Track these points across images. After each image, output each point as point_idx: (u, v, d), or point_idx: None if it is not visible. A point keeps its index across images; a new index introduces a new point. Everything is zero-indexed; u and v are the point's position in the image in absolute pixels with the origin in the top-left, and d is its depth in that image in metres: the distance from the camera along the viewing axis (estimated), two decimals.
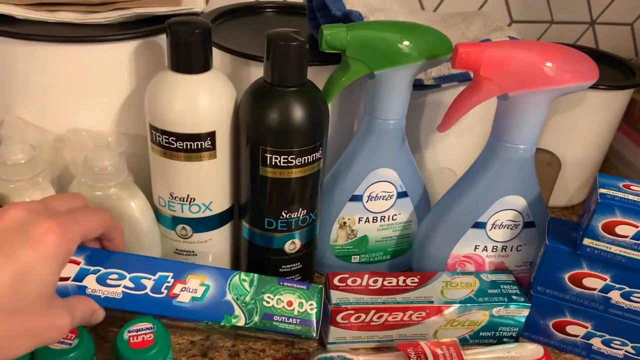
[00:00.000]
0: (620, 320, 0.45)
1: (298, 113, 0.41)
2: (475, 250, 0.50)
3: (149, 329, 0.39)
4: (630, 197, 0.41)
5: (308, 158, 0.43)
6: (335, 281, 0.47)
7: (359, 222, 0.52)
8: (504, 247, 0.50)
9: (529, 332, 0.49)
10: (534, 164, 0.48)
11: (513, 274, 0.50)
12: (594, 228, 0.42)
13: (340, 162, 0.52)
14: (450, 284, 0.48)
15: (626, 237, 0.41)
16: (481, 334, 0.48)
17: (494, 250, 0.50)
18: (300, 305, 0.42)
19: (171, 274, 0.42)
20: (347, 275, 0.48)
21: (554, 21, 0.76)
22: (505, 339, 0.48)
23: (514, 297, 0.47)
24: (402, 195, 0.52)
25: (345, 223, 0.52)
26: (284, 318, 0.41)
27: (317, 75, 0.47)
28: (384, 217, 0.53)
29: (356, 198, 0.51)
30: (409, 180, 0.52)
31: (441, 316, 0.46)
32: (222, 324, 0.40)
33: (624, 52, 0.76)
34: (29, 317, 0.31)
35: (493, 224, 0.49)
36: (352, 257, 0.54)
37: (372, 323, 0.46)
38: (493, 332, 0.48)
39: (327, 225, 0.52)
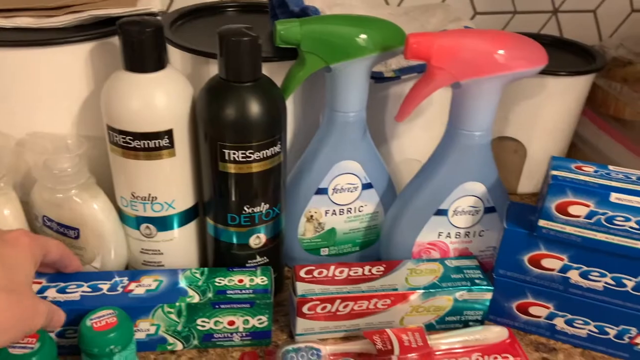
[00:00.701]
0: (580, 300, 0.46)
1: (254, 108, 0.41)
2: (439, 237, 0.51)
3: (110, 314, 0.41)
4: (582, 177, 0.42)
5: (267, 152, 0.43)
6: (302, 273, 0.48)
7: (325, 215, 0.53)
8: (467, 233, 0.51)
9: (494, 315, 0.50)
10: (492, 150, 0.48)
11: (477, 259, 0.51)
12: (548, 209, 0.43)
13: (305, 156, 0.52)
14: (414, 271, 0.49)
15: (579, 217, 0.42)
16: (447, 319, 0.48)
17: (457, 236, 0.51)
18: (252, 280, 0.46)
19: (126, 277, 0.46)
20: (314, 267, 0.48)
21: (517, 11, 0.77)
22: (471, 323, 0.49)
23: (476, 281, 0.48)
24: (367, 186, 0.53)
25: (312, 216, 0.53)
26: (237, 291, 0.45)
27: (279, 71, 0.48)
28: (350, 209, 0.53)
29: (321, 191, 0.52)
30: (373, 172, 0.52)
31: (406, 303, 0.47)
32: (177, 304, 0.43)
33: (588, 39, 0.77)
34: (20, 297, 0.35)
35: (454, 211, 0.50)
36: (321, 249, 0.55)
37: (338, 312, 0.46)
38: (459, 317, 0.49)
39: (294, 219, 0.53)
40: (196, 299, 0.44)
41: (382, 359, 0.44)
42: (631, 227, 0.41)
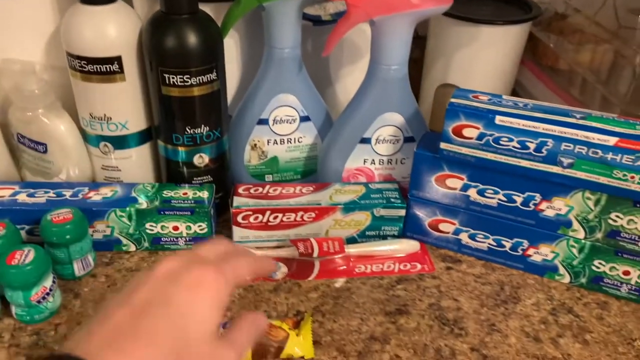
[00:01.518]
0: (479, 216, 0.52)
1: (190, 37, 0.48)
2: (364, 164, 0.57)
3: (67, 211, 0.49)
4: (474, 104, 0.48)
5: (203, 78, 0.50)
6: (240, 190, 0.55)
7: (268, 144, 0.60)
8: (389, 160, 0.57)
9: (411, 232, 0.57)
10: (409, 83, 0.54)
11: (398, 184, 0.57)
12: (447, 132, 0.49)
13: (250, 89, 0.59)
14: (339, 191, 0.55)
15: (472, 138, 0.48)
16: (367, 233, 0.55)
17: (381, 163, 0.57)
18: (195, 193, 0.53)
19: (87, 187, 0.53)
20: (251, 186, 0.56)
21: None
22: (388, 238, 0.56)
23: (392, 199, 0.54)
24: (304, 119, 0.59)
25: (255, 145, 0.60)
26: (180, 201, 0.52)
27: (223, 12, 0.54)
28: (290, 139, 0.60)
29: (263, 122, 0.58)
30: (310, 106, 0.59)
31: (329, 217, 0.53)
32: (127, 209, 0.50)
33: None
34: (192, 357, 0.29)
35: (377, 139, 0.56)
36: (266, 176, 0.62)
37: (269, 223, 0.53)
38: (377, 232, 0.55)
39: (240, 146, 0.60)
40: (144, 205, 0.51)
41: (303, 260, 0.52)
42: (514, 147, 0.47)
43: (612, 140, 0.43)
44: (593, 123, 0.45)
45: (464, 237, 0.54)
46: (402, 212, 0.54)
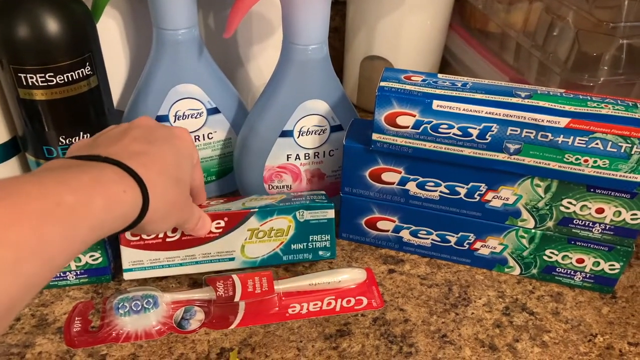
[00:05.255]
0: (421, 210, 0.46)
1: (50, 24, 0.37)
2: (288, 160, 0.50)
3: None
4: (407, 87, 0.41)
5: (74, 75, 0.39)
6: None
7: None
8: (316, 154, 0.50)
9: (346, 232, 0.50)
10: (331, 65, 0.47)
11: (326, 195, 0.48)
12: (379, 122, 0.42)
13: (140, 80, 0.48)
14: (255, 199, 0.47)
15: (407, 127, 0.42)
16: (293, 246, 0.45)
17: (307, 157, 0.50)
18: None
19: None
20: None
21: None
22: (321, 251, 0.46)
23: (316, 200, 0.46)
24: (213, 112, 0.50)
25: None
26: None
27: None
28: (198, 136, 0.51)
29: (162, 119, 0.49)
30: (218, 96, 0.50)
31: (242, 225, 0.44)
32: None
33: None
34: (184, 190, 0.36)
35: (300, 131, 0.48)
36: None
37: (167, 239, 0.43)
38: (305, 244, 0.46)
39: None
40: None
41: (223, 304, 0.43)
42: (455, 134, 0.41)
43: (563, 122, 0.38)
44: (540, 102, 0.39)
45: (405, 235, 0.48)
46: (331, 214, 0.45)
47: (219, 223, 0.43)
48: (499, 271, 0.48)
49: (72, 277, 0.44)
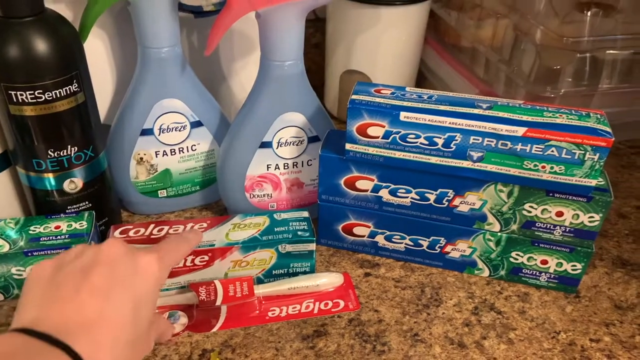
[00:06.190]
0: (394, 216, 0.49)
1: (38, 44, 0.40)
2: (268, 170, 0.52)
3: None
4: (377, 99, 0.44)
5: (62, 92, 0.42)
6: (116, 233, 0.46)
7: (156, 156, 0.53)
8: (295, 164, 0.52)
9: (325, 238, 0.52)
10: (306, 79, 0.49)
11: (308, 212, 0.50)
12: (351, 132, 0.45)
13: (126, 96, 0.51)
14: (239, 226, 0.47)
15: (377, 137, 0.44)
16: (274, 272, 0.47)
17: (286, 167, 0.52)
18: (70, 225, 0.45)
19: None
20: (131, 227, 0.47)
21: None
22: (300, 274, 0.48)
23: (299, 232, 0.47)
24: (196, 124, 0.52)
25: (142, 158, 0.52)
26: (51, 237, 0.44)
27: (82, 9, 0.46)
28: (182, 148, 0.53)
29: (147, 132, 0.51)
30: (200, 109, 0.52)
31: (225, 258, 0.46)
32: None
33: None
34: (141, 344, 0.34)
35: (278, 142, 0.51)
36: (159, 192, 0.55)
37: None
38: (285, 270, 0.47)
39: (123, 162, 0.52)
40: (6, 248, 0.43)
41: (205, 308, 0.45)
42: (422, 143, 0.44)
43: (520, 131, 0.41)
44: (500, 113, 0.42)
45: (380, 240, 0.51)
46: (312, 247, 0.47)
47: (203, 257, 0.45)
48: (470, 273, 0.50)
49: None
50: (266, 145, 0.50)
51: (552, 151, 0.41)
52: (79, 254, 0.33)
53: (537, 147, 0.41)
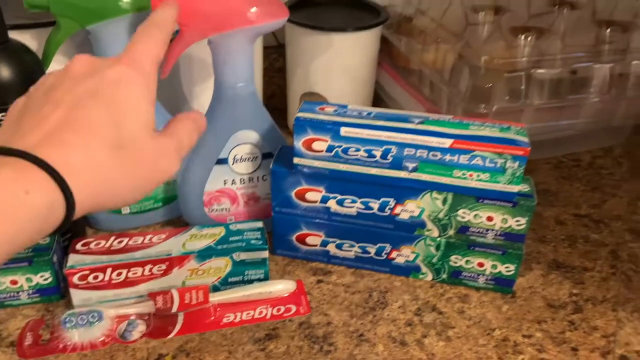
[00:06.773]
0: (342, 225, 0.52)
1: (2, 72, 0.43)
2: (225, 185, 0.55)
3: None
4: (320, 117, 0.48)
5: None
6: (78, 246, 0.49)
7: None
8: (250, 179, 0.56)
9: (281, 249, 0.55)
10: (258, 98, 0.53)
11: (262, 222, 0.53)
12: (298, 147, 0.48)
13: None
14: (195, 237, 0.50)
15: (322, 151, 0.48)
16: (230, 280, 0.50)
17: (242, 182, 0.56)
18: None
19: None
20: (92, 240, 0.49)
21: None
22: (255, 282, 0.51)
23: (252, 241, 0.49)
24: None
25: None
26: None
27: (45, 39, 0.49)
28: None
29: None
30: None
31: (183, 267, 0.48)
32: None
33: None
34: (134, 151, 0.30)
35: (234, 159, 0.54)
36: (122, 209, 0.58)
37: (113, 281, 0.47)
38: (241, 277, 0.50)
39: None
40: None
41: (163, 315, 0.48)
42: (362, 156, 0.47)
43: (447, 142, 0.45)
44: (430, 127, 0.46)
45: (331, 248, 0.54)
46: (265, 254, 0.50)
47: (160, 267, 0.48)
48: (415, 277, 0.53)
49: (25, 297, 0.48)
50: (222, 161, 0.54)
51: (477, 160, 0.45)
52: (43, 81, 0.32)
53: (463, 157, 0.45)
